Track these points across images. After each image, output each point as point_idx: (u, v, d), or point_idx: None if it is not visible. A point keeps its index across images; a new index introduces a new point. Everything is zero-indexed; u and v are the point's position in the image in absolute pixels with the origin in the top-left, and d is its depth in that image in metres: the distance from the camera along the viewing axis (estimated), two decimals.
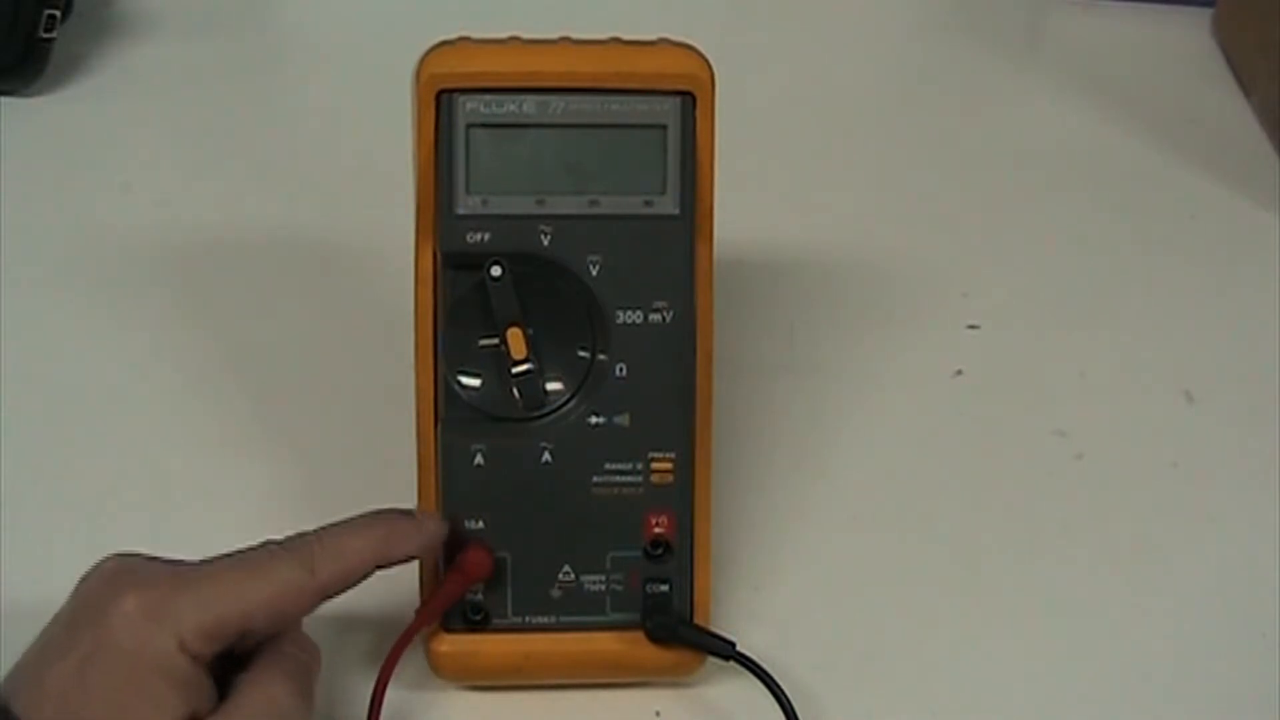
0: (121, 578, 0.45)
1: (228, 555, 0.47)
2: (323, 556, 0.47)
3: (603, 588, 0.51)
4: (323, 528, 0.48)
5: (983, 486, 0.62)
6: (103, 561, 0.46)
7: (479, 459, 0.50)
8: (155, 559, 0.46)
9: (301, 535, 0.48)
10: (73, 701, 0.43)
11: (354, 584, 0.48)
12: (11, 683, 0.44)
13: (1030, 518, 0.61)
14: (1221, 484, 0.63)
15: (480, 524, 0.51)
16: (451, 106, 0.50)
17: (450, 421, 0.50)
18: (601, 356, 0.51)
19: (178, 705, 0.44)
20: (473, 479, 0.50)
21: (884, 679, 0.55)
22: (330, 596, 0.48)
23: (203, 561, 0.46)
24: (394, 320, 0.53)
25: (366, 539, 0.48)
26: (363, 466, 0.58)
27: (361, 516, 0.49)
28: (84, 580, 0.46)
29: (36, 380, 0.63)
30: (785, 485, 0.61)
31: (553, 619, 0.51)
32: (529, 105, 0.50)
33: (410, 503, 0.51)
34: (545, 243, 0.50)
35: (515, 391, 0.50)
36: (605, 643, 0.52)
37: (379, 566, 0.48)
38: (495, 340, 0.50)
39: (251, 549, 0.47)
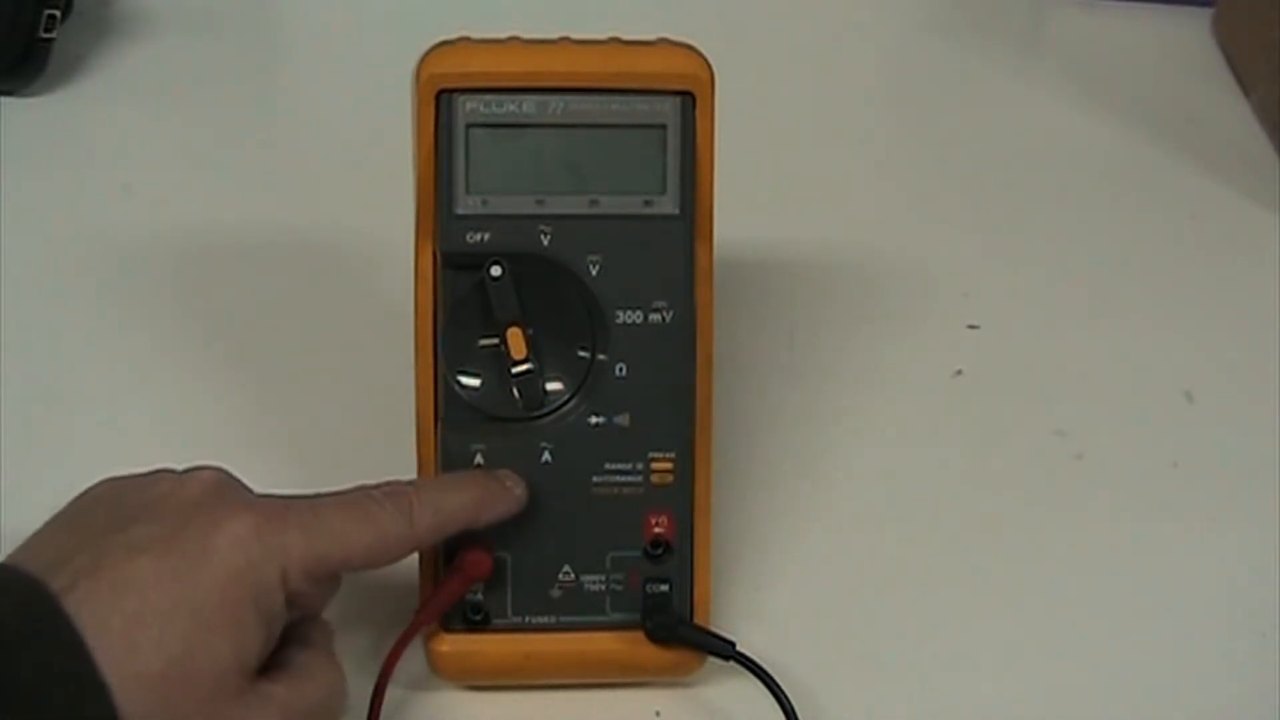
0: (230, 494, 0.45)
1: (327, 494, 0.47)
2: (421, 510, 0.47)
3: (603, 588, 0.51)
4: (420, 480, 0.49)
5: (983, 486, 0.62)
6: (194, 468, 0.46)
7: (479, 459, 0.50)
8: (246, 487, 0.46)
9: (398, 484, 0.48)
10: (153, 602, 0.42)
11: (441, 540, 0.49)
12: (45, 559, 0.42)
13: (1030, 518, 0.61)
14: (1221, 484, 0.63)
15: None
16: (451, 106, 0.50)
17: (450, 421, 0.50)
18: (601, 356, 0.51)
19: (258, 638, 0.43)
20: None
21: (884, 679, 0.55)
22: (422, 549, 0.48)
23: (303, 497, 0.46)
24: (394, 320, 0.53)
25: (462, 497, 0.49)
26: (363, 466, 0.58)
27: (456, 476, 0.50)
28: (170, 481, 0.45)
29: (36, 380, 0.63)
30: (785, 485, 0.61)
31: (553, 619, 0.51)
32: (529, 105, 0.50)
33: None
34: (545, 243, 0.50)
35: (515, 391, 0.50)
36: (605, 643, 0.52)
37: (468, 528, 0.49)
38: (495, 340, 0.50)
39: (349, 492, 0.47)
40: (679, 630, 0.51)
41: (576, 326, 0.51)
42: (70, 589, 0.41)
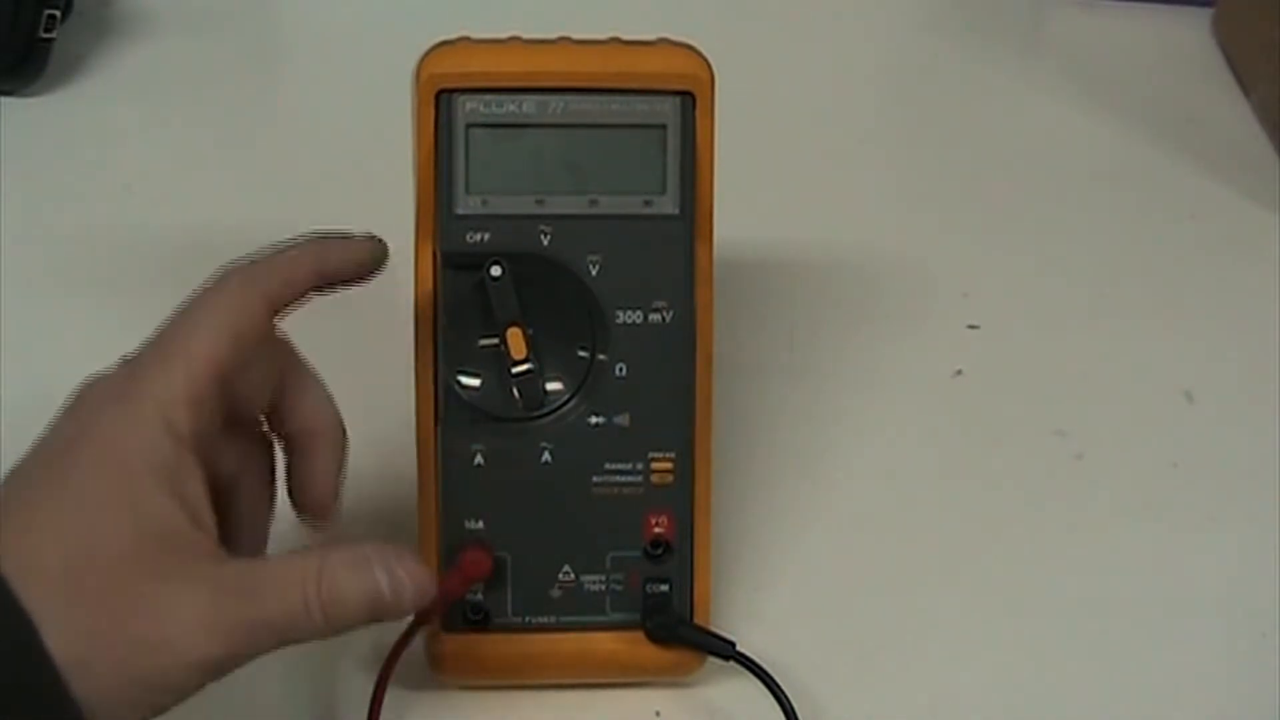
0: (93, 387, 0.43)
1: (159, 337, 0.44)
2: (258, 269, 0.45)
3: (603, 588, 0.51)
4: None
5: (983, 486, 0.62)
6: (74, 390, 0.44)
7: (479, 459, 0.50)
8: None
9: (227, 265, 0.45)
10: (41, 498, 0.40)
11: (298, 298, 0.46)
12: None
13: (1030, 518, 0.61)
14: (1221, 484, 0.63)
15: (480, 524, 0.51)
16: (451, 106, 0.50)
17: (450, 421, 0.50)
18: (601, 356, 0.51)
19: (166, 506, 0.40)
20: (473, 479, 0.50)
21: (884, 679, 0.55)
22: (277, 312, 0.45)
23: (145, 347, 0.44)
24: (394, 320, 0.53)
25: (300, 246, 0.47)
26: (363, 466, 0.58)
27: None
28: (58, 412, 0.43)
29: (36, 380, 0.63)
30: (785, 485, 0.61)
31: (553, 619, 0.51)
32: (529, 105, 0.50)
33: (411, 503, 0.51)
34: (545, 243, 0.50)
35: (515, 391, 0.50)
36: (605, 643, 0.52)
37: (320, 283, 0.47)
38: (495, 340, 0.50)
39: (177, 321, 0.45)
40: (679, 630, 0.51)
41: (576, 326, 0.51)
42: None
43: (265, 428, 0.48)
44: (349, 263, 0.48)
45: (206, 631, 0.40)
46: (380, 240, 0.49)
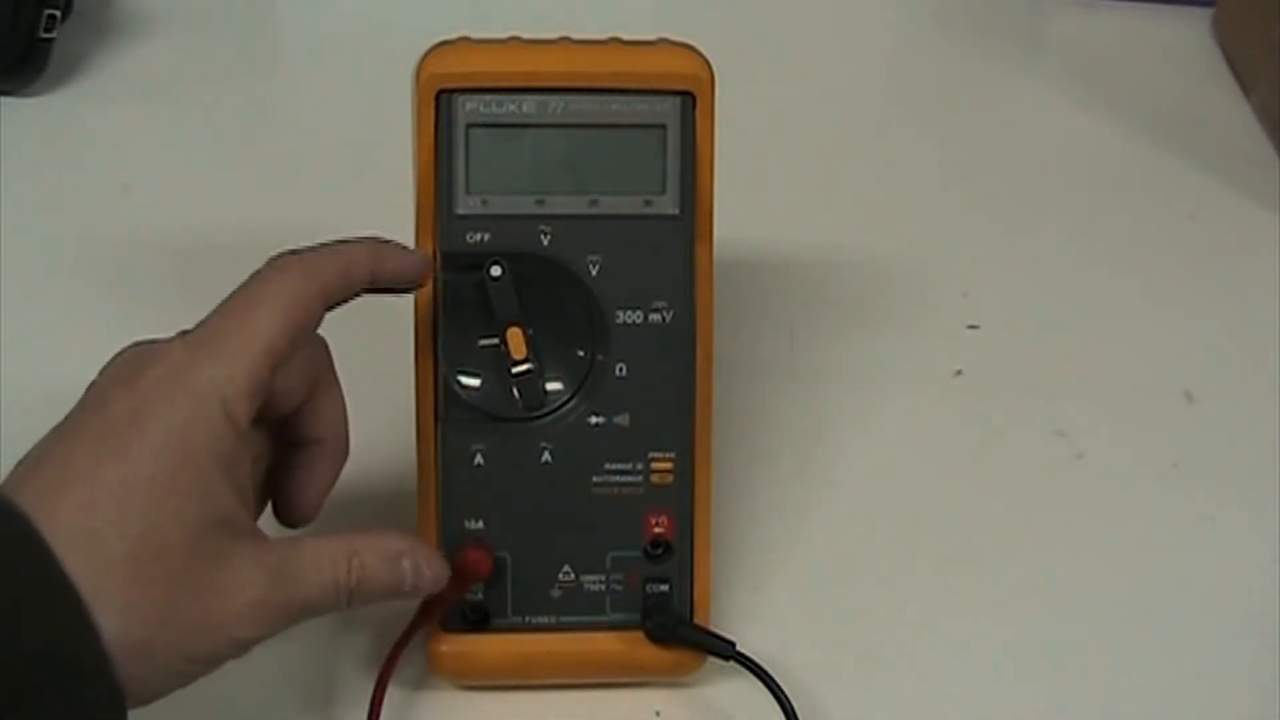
0: (147, 366, 0.43)
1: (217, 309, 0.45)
2: (316, 261, 0.45)
3: (603, 588, 0.51)
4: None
5: (983, 486, 0.62)
6: (120, 359, 0.44)
7: (479, 459, 0.50)
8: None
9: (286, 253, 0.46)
10: (102, 486, 0.40)
11: (351, 297, 0.47)
12: (15, 480, 0.41)
13: (1030, 518, 0.61)
14: (1221, 484, 0.63)
15: (480, 524, 0.51)
16: (451, 106, 0.50)
17: (450, 421, 0.50)
18: (601, 356, 0.51)
19: (226, 490, 0.42)
20: (473, 479, 0.50)
21: (884, 679, 0.55)
22: (330, 308, 0.46)
23: (199, 331, 0.44)
24: (394, 320, 0.53)
25: (358, 245, 0.47)
26: (363, 466, 0.58)
27: None
28: (104, 376, 0.43)
29: (36, 380, 0.63)
30: (785, 485, 0.61)
31: (553, 619, 0.51)
32: (529, 105, 0.50)
33: (411, 503, 0.51)
34: (545, 243, 0.50)
35: (515, 391, 0.50)
36: (605, 643, 0.52)
37: (372, 285, 0.47)
38: (495, 340, 0.50)
39: (230, 303, 0.45)
40: (679, 630, 0.51)
41: (576, 326, 0.51)
42: (27, 494, 0.40)
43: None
44: (401, 269, 0.48)
45: (254, 613, 0.42)
46: (430, 257, 0.49)
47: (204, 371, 0.42)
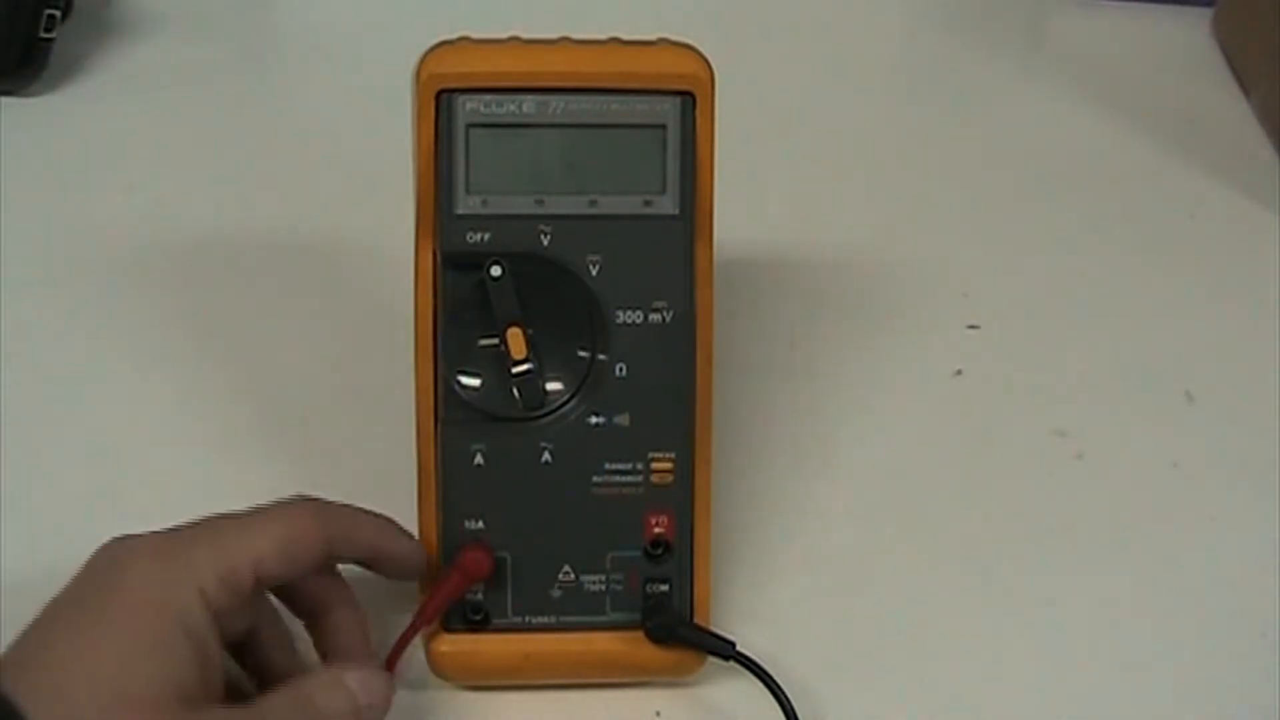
0: (129, 542, 0.45)
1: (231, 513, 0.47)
2: (331, 512, 0.48)
3: (603, 588, 0.51)
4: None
5: (983, 486, 0.62)
6: (104, 545, 0.46)
7: (479, 459, 0.50)
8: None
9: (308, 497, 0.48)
10: (76, 652, 0.42)
11: (348, 559, 0.49)
12: (5, 663, 0.42)
13: (1030, 518, 0.61)
14: (1221, 484, 0.63)
15: (480, 524, 0.51)
16: (451, 106, 0.50)
17: (450, 421, 0.50)
18: (601, 356, 0.51)
19: (191, 662, 0.43)
20: (473, 479, 0.50)
21: (884, 679, 0.55)
22: (334, 559, 0.48)
23: (202, 520, 0.46)
24: (394, 320, 0.53)
25: (371, 517, 0.49)
26: (363, 466, 0.58)
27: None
28: (86, 564, 0.45)
29: (36, 380, 0.63)
30: (785, 485, 0.61)
31: (553, 619, 0.51)
32: (529, 105, 0.50)
33: (411, 503, 0.51)
34: (545, 243, 0.50)
35: (515, 391, 0.50)
36: (605, 643, 0.52)
37: (368, 558, 0.49)
38: (495, 340, 0.50)
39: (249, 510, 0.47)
40: (679, 630, 0.51)
41: (576, 326, 0.51)
42: (7, 665, 0.42)
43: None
44: (398, 556, 0.50)
45: None
46: (428, 559, 0.51)
47: (184, 550, 0.45)
